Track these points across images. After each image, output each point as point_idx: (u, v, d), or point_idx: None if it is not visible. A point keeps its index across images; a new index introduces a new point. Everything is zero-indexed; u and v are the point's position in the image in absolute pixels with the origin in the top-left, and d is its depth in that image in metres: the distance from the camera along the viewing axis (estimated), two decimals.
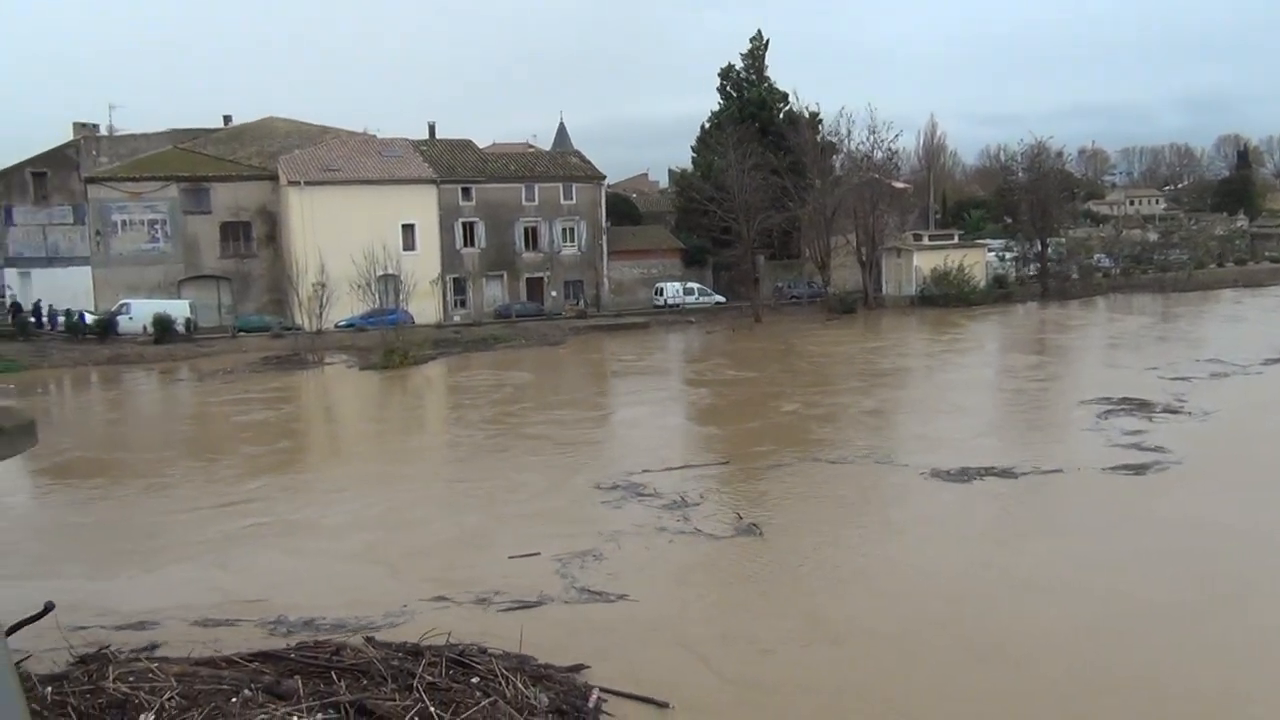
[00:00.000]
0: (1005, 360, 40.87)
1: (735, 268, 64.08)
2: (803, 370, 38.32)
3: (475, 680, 10.14)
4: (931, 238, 68.75)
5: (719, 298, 64.58)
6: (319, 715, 9.11)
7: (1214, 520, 16.27)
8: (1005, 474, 19.74)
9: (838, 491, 19.61)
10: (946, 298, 62.05)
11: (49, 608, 9.60)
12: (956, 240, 68.44)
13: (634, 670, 10.88)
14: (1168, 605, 12.83)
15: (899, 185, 71.38)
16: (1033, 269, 69.60)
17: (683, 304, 62.80)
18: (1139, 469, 19.80)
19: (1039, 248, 69.04)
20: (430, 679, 10.00)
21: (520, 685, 10.03)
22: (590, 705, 9.97)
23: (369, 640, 11.17)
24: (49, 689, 9.22)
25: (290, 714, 9.01)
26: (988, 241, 70.65)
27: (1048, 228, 68.87)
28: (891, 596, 13.41)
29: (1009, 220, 74.17)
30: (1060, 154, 74.31)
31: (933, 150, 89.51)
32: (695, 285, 65.10)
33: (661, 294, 63.83)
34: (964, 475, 19.65)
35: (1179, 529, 16.10)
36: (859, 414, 28.53)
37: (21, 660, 9.85)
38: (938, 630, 12.08)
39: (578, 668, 10.85)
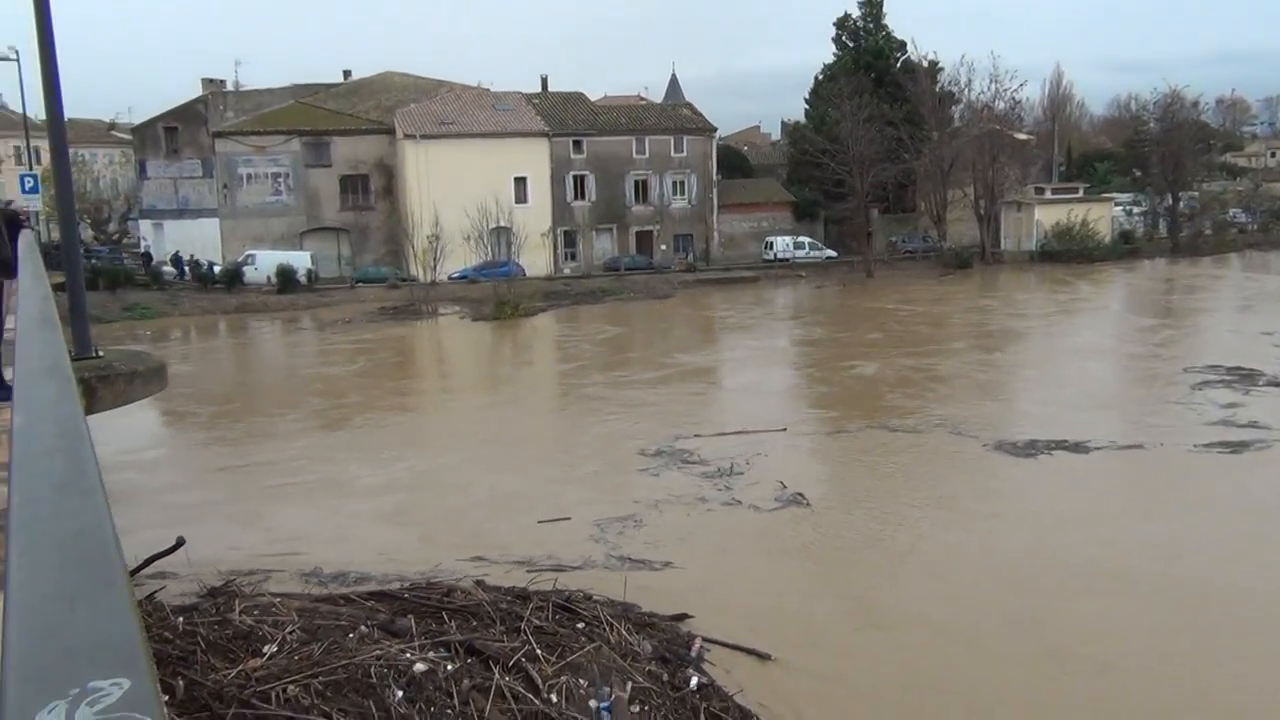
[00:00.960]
0: (1120, 322, 38.90)
1: (847, 222, 62.95)
2: (903, 330, 36.91)
3: (580, 625, 10.36)
4: (1054, 191, 66.33)
5: (830, 252, 63.61)
6: (431, 653, 9.42)
7: None
8: (1076, 449, 18.38)
9: (897, 463, 18.51)
10: (1068, 254, 59.91)
11: (180, 543, 10.13)
12: (1081, 194, 65.88)
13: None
14: (1262, 601, 11.74)
15: (1021, 137, 68.90)
16: (1162, 224, 66.64)
17: (793, 258, 62.05)
18: (1234, 447, 18.19)
19: (1170, 202, 66.00)
20: (537, 622, 10.25)
21: (624, 632, 10.20)
22: (692, 654, 10.09)
23: (479, 584, 11.47)
24: (180, 619, 9.74)
25: (404, 650, 9.34)
26: (1114, 195, 67.82)
27: (1180, 181, 65.73)
28: (945, 581, 12.51)
29: (1138, 173, 71.02)
30: (1196, 103, 70.65)
31: (1058, 100, 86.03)
32: (806, 239, 64.22)
33: (771, 248, 63.15)
34: (1031, 449, 18.40)
35: (1264, 513, 14.84)
36: (945, 378, 27.02)
37: (156, 591, 10.43)
38: (997, 621, 11.27)
39: (681, 617, 10.96)
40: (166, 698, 8.34)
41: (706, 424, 21.27)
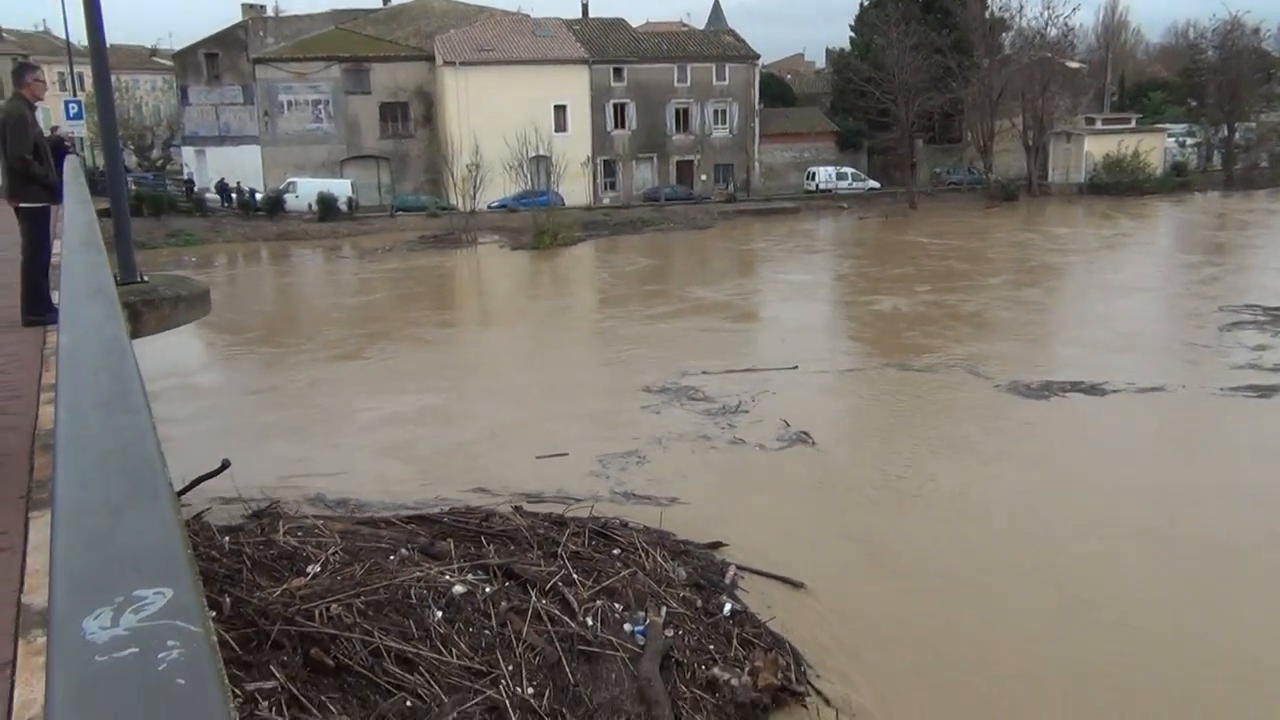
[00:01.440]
0: (1164, 259, 37.73)
1: (891, 152, 61.95)
2: (939, 264, 35.88)
3: (616, 552, 10.51)
4: (1105, 121, 64.73)
5: (873, 183, 62.71)
6: (469, 576, 9.62)
7: None
8: (1093, 391, 17.58)
9: (908, 402, 17.80)
10: (1118, 186, 58.64)
11: (225, 465, 10.34)
12: (1133, 125, 64.22)
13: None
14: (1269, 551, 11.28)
15: (1073, 65, 67.05)
16: (1217, 157, 64.91)
17: (835, 189, 61.26)
18: (1262, 391, 17.23)
19: (1225, 133, 64.19)
20: (574, 548, 10.41)
21: (659, 559, 10.34)
22: (726, 581, 10.21)
23: (517, 509, 11.65)
24: (226, 539, 9.99)
25: (443, 573, 9.54)
26: (1167, 126, 66.04)
27: (1237, 111, 63.83)
28: (953, 525, 12.14)
29: (1193, 104, 68.99)
30: (1257, 30, 68.25)
31: (1113, 27, 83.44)
32: (849, 170, 63.30)
33: (814, 179, 62.37)
34: (1045, 390, 17.63)
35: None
36: (971, 316, 26.03)
37: (202, 512, 10.68)
38: (1006, 570, 10.90)
39: (716, 545, 11.08)
40: (213, 613, 8.60)
41: (718, 360, 20.60)
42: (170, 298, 9.21)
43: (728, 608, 9.64)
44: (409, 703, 7.71)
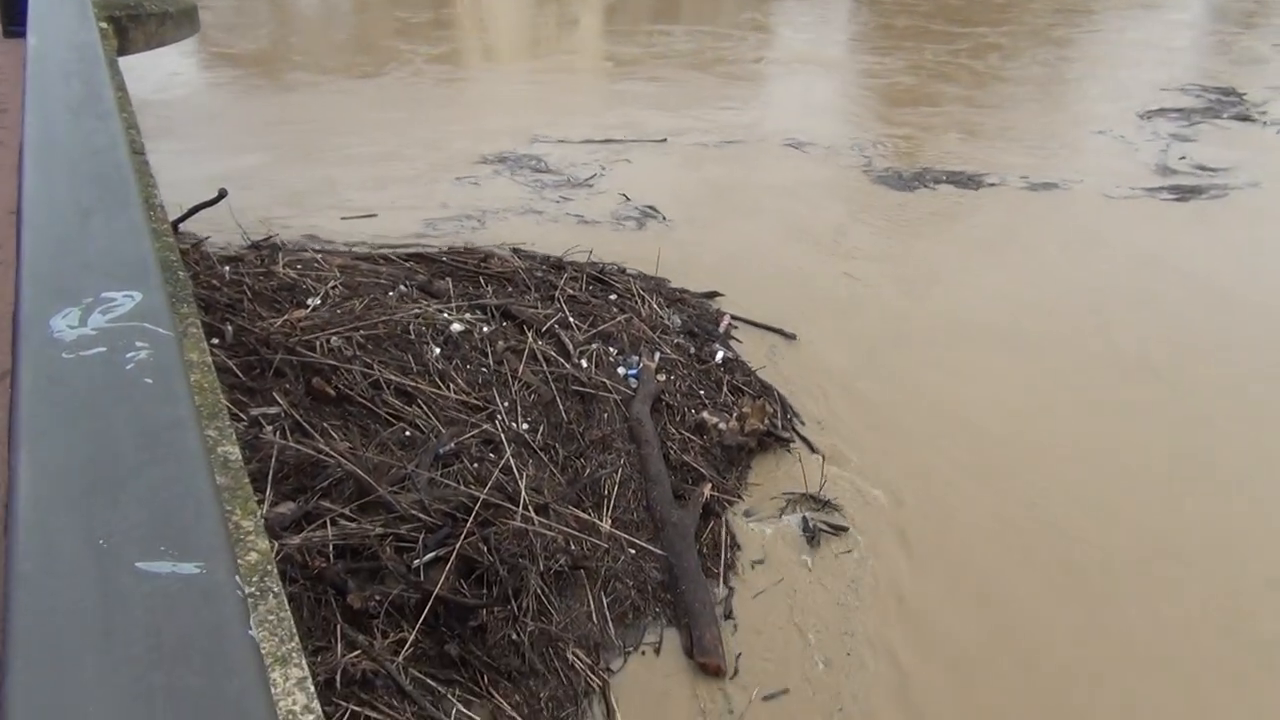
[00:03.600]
0: (1183, 28, 30.82)
1: None
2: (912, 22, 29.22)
3: (613, 298, 10.60)
4: None
5: None
6: (467, 315, 9.74)
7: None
8: (969, 182, 15.21)
9: (769, 181, 15.49)
10: None
11: (222, 194, 10.25)
12: None
13: None
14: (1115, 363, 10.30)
15: None
16: None
17: None
18: (1186, 193, 15.06)
19: None
20: (571, 292, 10.50)
21: (655, 305, 10.44)
22: (720, 330, 10.36)
23: (515, 251, 11.65)
24: (227, 268, 10.05)
25: (441, 311, 9.66)
26: None
27: None
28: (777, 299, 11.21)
29: None
30: None
31: None
32: None
33: None
34: (917, 180, 15.29)
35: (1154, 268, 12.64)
36: (906, 90, 21.82)
37: (201, 241, 10.69)
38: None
39: (712, 294, 11.15)
40: (216, 340, 8.77)
41: (582, 125, 17.88)
42: (158, 14, 8.83)
43: (719, 355, 9.83)
44: (408, 432, 7.98)
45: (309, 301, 9.68)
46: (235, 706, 0.92)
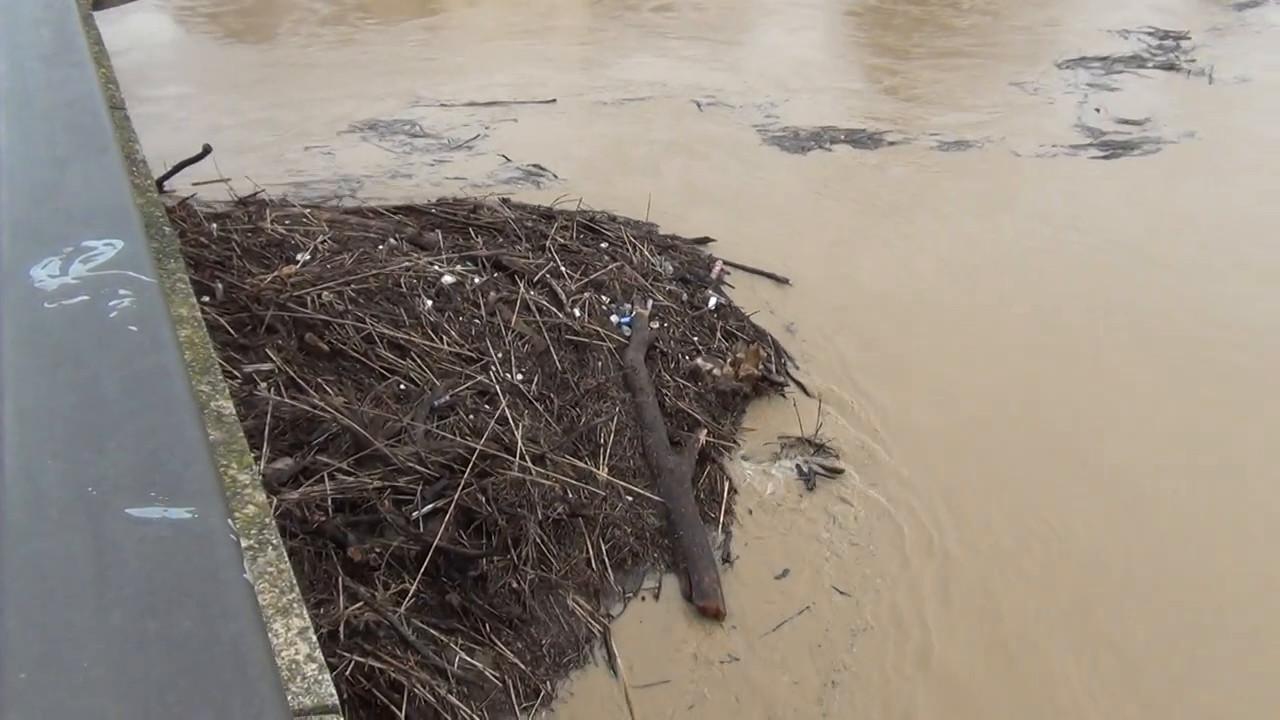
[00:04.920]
0: None
1: None
2: None
3: (604, 245, 10.53)
4: None
5: None
6: (458, 266, 9.69)
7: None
8: (870, 141, 14.13)
9: (655, 138, 14.44)
10: None
11: (206, 150, 10.12)
12: None
13: None
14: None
15: None
16: None
17: None
18: (1112, 150, 14.06)
19: None
20: (562, 241, 10.43)
21: (647, 253, 10.38)
22: (712, 275, 10.31)
23: (505, 201, 11.56)
24: (214, 225, 9.95)
25: (432, 263, 9.60)
26: None
27: None
28: None
29: None
30: None
31: None
32: None
33: None
34: (814, 140, 14.18)
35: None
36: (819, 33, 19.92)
37: (188, 198, 10.58)
38: None
39: (704, 240, 11.08)
40: (207, 298, 8.71)
41: (475, 87, 16.44)
42: None
43: (713, 301, 9.80)
44: (402, 386, 7.97)
45: (298, 257, 9.60)
46: (232, 649, 0.91)
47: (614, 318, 9.29)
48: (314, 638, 2.29)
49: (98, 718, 0.94)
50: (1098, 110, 15.56)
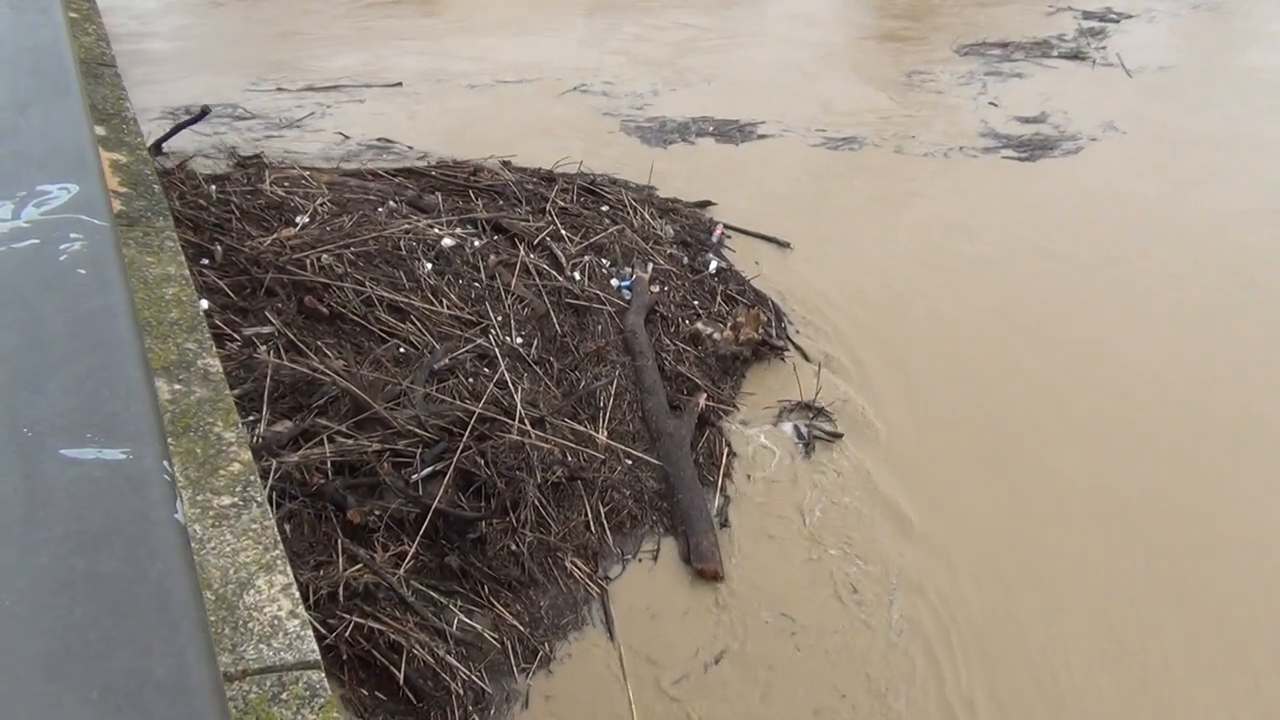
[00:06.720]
0: None
1: None
2: None
3: (605, 209, 10.47)
4: None
5: None
6: (458, 229, 9.64)
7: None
8: (739, 134, 13.18)
9: (519, 116, 13.63)
10: None
11: (205, 111, 10.07)
12: None
13: None
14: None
15: None
16: None
17: None
18: (1026, 151, 12.95)
19: None
20: (562, 204, 10.37)
21: (647, 216, 10.32)
22: (713, 239, 10.25)
23: (505, 164, 11.48)
24: (213, 187, 9.91)
25: (431, 226, 9.55)
26: None
27: None
28: None
29: None
30: None
31: None
32: None
33: None
34: (681, 132, 13.20)
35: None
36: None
37: (186, 160, 10.53)
38: None
39: (704, 204, 11.01)
40: (206, 261, 8.69)
41: (328, 70, 15.19)
42: None
43: (713, 265, 9.74)
44: (402, 349, 7.95)
45: (298, 219, 9.57)
46: (157, 589, 0.89)
47: (614, 281, 9.24)
48: (296, 594, 2.28)
49: (15, 656, 0.92)
50: (992, 104, 14.42)
